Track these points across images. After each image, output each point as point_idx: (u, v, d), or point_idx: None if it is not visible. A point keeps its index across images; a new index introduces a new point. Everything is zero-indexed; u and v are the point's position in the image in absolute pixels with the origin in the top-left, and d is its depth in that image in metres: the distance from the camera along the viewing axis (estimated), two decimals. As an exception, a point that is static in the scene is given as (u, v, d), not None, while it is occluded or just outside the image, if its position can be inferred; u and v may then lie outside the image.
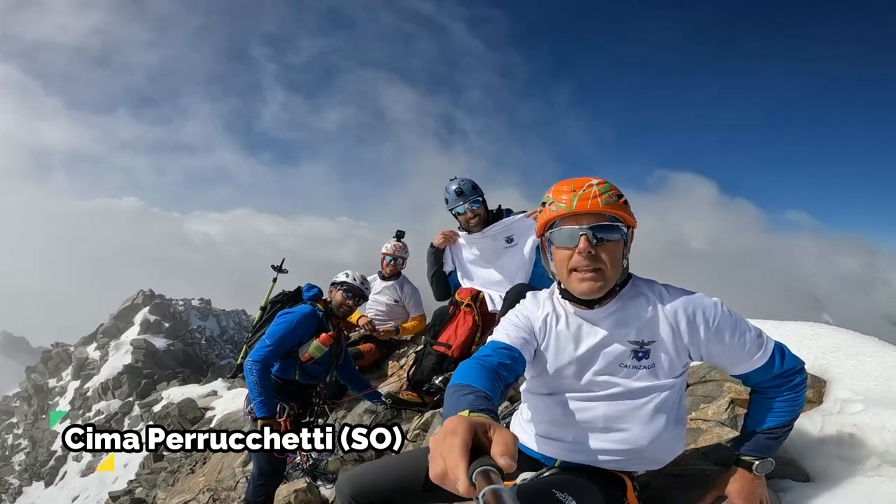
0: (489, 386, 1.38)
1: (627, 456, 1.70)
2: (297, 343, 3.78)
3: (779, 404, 1.71)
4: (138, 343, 30.98)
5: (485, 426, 0.99)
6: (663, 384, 1.67)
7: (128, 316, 35.02)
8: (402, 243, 6.01)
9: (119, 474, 14.38)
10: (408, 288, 6.03)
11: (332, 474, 4.65)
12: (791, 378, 1.70)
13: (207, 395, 14.65)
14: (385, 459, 2.14)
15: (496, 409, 1.28)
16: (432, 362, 3.94)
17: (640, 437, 1.67)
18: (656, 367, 1.66)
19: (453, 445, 0.93)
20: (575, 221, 1.62)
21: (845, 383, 2.39)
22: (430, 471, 0.96)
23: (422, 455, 1.95)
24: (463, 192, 3.97)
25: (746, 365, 1.68)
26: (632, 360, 1.66)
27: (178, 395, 16.70)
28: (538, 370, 1.79)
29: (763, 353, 1.66)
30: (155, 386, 24.33)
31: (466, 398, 1.26)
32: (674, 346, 1.64)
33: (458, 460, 0.90)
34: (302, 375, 3.88)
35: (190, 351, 32.91)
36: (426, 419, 3.62)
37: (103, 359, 31.12)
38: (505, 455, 0.91)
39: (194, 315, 39.06)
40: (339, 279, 4.15)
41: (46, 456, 24.21)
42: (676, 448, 1.77)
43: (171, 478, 8.39)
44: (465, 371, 1.48)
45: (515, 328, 1.77)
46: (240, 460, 6.09)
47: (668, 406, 1.69)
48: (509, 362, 1.61)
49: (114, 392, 26.23)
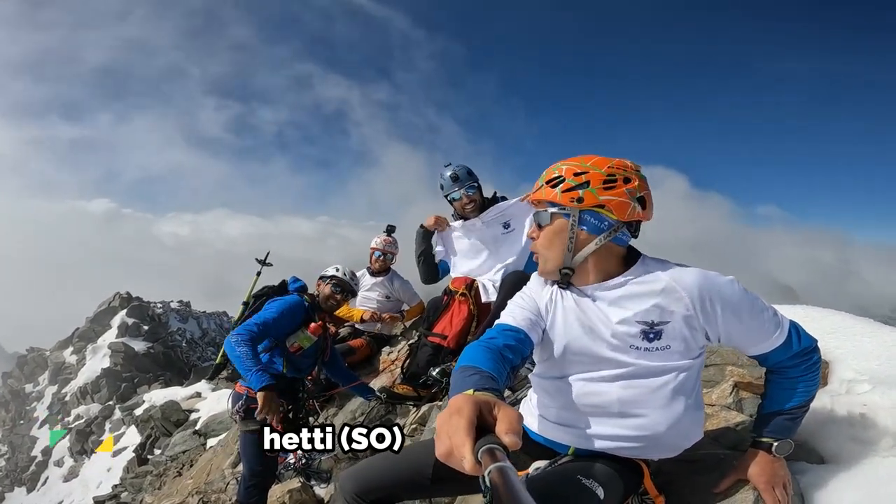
0: (494, 367, 1.38)
1: (645, 442, 1.65)
2: (284, 333, 3.69)
3: (797, 384, 1.68)
4: (117, 346, 30.51)
5: (490, 404, 1.00)
6: (679, 365, 1.61)
7: (104, 319, 34.46)
8: (392, 238, 5.96)
9: (103, 479, 14.17)
10: (398, 282, 5.99)
11: (326, 473, 4.57)
12: (809, 356, 1.68)
13: (191, 397, 14.45)
14: (388, 454, 2.09)
15: (501, 390, 1.28)
16: (428, 354, 3.89)
17: (658, 422, 1.62)
18: (671, 349, 1.60)
19: (458, 424, 0.94)
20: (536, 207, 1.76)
21: (848, 364, 2.39)
22: (437, 449, 0.96)
23: (428, 447, 1.90)
24: (458, 177, 3.94)
25: (765, 345, 1.64)
26: (642, 340, 1.60)
27: (161, 397, 16.42)
28: (547, 353, 1.75)
29: (780, 331, 1.62)
30: (136, 389, 24.00)
31: (471, 378, 1.26)
32: (688, 326, 1.58)
33: (463, 438, 0.91)
34: (289, 368, 3.77)
35: (170, 354, 32.50)
36: (423, 413, 3.57)
37: (80, 363, 30.64)
38: (510, 433, 0.92)
39: (174, 317, 38.59)
40: (328, 273, 4.10)
41: (27, 461, 23.84)
42: (695, 434, 1.72)
43: (158, 481, 8.22)
44: (471, 353, 1.47)
45: (521, 309, 1.75)
46: (229, 461, 5.97)
47: (686, 389, 1.63)
48: (514, 343, 1.58)
49: (93, 396, 25.85)
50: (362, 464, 2.00)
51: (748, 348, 1.68)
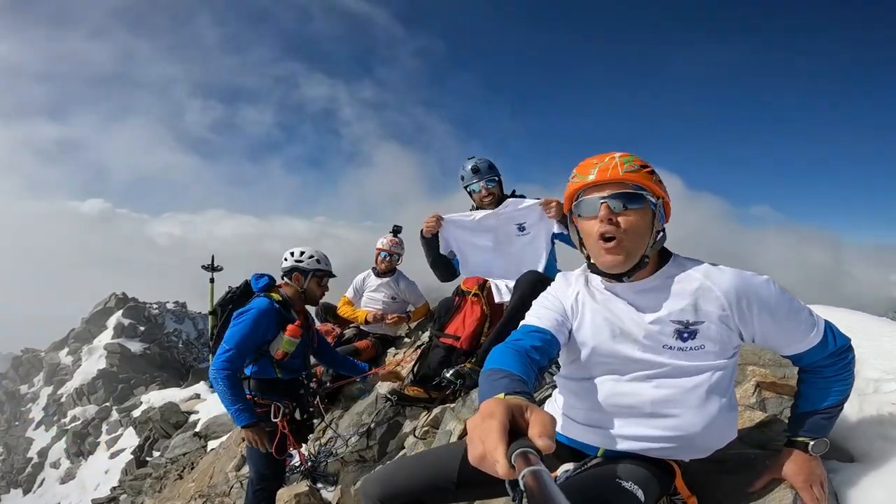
0: (522, 370, 1.37)
1: (678, 443, 1.62)
2: (263, 341, 3.56)
3: (833, 383, 1.66)
4: (112, 347, 30.41)
5: (521, 408, 0.99)
6: (714, 365, 1.59)
7: (100, 320, 34.35)
8: (398, 239, 5.93)
9: (100, 480, 14.09)
10: (404, 282, 5.97)
11: (333, 476, 4.54)
12: (844, 356, 1.66)
13: (190, 399, 14.38)
14: (413, 458, 2.05)
15: (532, 392, 1.26)
16: (440, 355, 3.84)
17: (693, 423, 1.59)
18: (705, 349, 1.58)
19: (491, 428, 0.93)
20: (597, 191, 1.62)
21: (871, 363, 2.37)
22: (469, 454, 0.95)
23: (453, 452, 1.87)
24: (479, 169, 3.87)
25: (801, 344, 1.62)
26: (676, 340, 1.58)
27: (159, 399, 16.36)
28: (574, 354, 1.72)
29: (816, 331, 1.61)
30: (132, 390, 23.92)
31: (501, 382, 1.25)
32: (724, 326, 1.56)
33: (496, 443, 0.90)
34: (283, 372, 3.69)
35: (167, 355, 32.40)
36: (435, 415, 3.53)
37: (76, 364, 30.53)
38: (543, 436, 0.91)
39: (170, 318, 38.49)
40: (308, 266, 3.80)
41: (23, 463, 23.71)
42: (729, 434, 1.69)
43: (158, 484, 8.15)
44: (497, 356, 1.45)
45: (546, 310, 1.72)
46: (233, 464, 5.92)
47: (721, 389, 1.61)
48: (541, 345, 1.56)
49: (89, 397, 25.75)
50: (386, 468, 1.97)
51: (784, 348, 1.66)
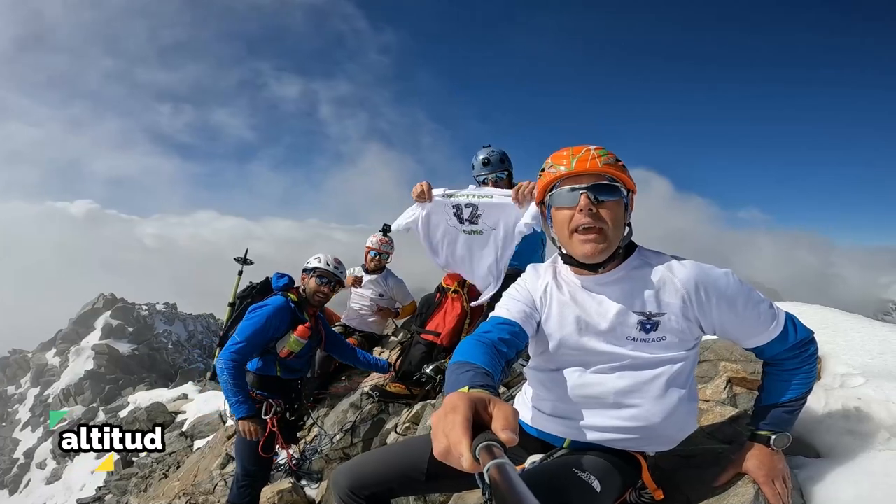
0: (489, 362, 1.37)
1: (640, 434, 1.64)
2: (272, 338, 3.62)
3: (795, 376, 1.67)
4: (101, 348, 30.22)
5: (484, 401, 0.99)
6: (674, 356, 1.61)
7: (88, 321, 34.12)
8: (388, 238, 5.91)
9: (87, 481, 13.99)
10: (392, 280, 5.99)
11: (317, 474, 4.54)
12: (806, 348, 1.67)
13: (177, 399, 14.28)
14: (384, 449, 2.07)
15: (496, 385, 1.27)
16: (421, 351, 3.86)
17: (653, 413, 1.61)
18: (666, 340, 1.60)
19: (454, 422, 0.93)
20: (575, 181, 1.62)
21: (840, 358, 2.40)
22: (434, 448, 0.95)
23: (422, 442, 1.89)
24: (490, 161, 3.77)
25: (761, 337, 1.63)
26: (639, 332, 1.60)
27: (146, 399, 16.24)
28: (542, 345, 1.73)
29: (776, 323, 1.61)
30: (120, 391, 23.74)
31: (466, 375, 1.25)
32: (684, 318, 1.59)
33: (460, 436, 0.90)
34: (283, 371, 3.74)
35: (156, 356, 32.22)
36: (416, 411, 3.54)
37: (63, 365, 30.31)
38: (507, 429, 0.92)
39: (159, 319, 38.30)
40: (310, 265, 3.93)
41: (9, 464, 23.50)
42: (689, 426, 1.72)
43: (144, 483, 8.10)
44: (465, 348, 1.46)
45: (515, 301, 1.73)
46: (217, 462, 5.91)
47: (681, 381, 1.64)
48: (509, 337, 1.57)
49: (76, 398, 25.57)
50: (356, 459, 1.99)
51: (744, 341, 1.67)
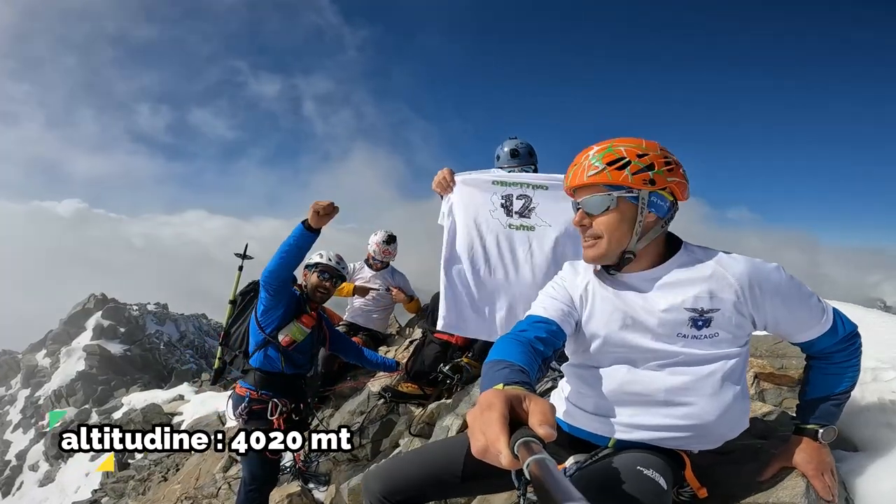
0: (524, 360, 1.35)
1: (693, 432, 1.59)
2: (277, 326, 3.57)
3: (843, 369, 1.66)
4: (92, 349, 30.00)
5: (520, 398, 0.97)
6: (728, 353, 1.57)
7: (79, 321, 33.86)
8: (390, 249, 5.91)
9: (81, 483, 13.85)
10: (398, 276, 5.98)
11: (325, 476, 4.49)
12: (853, 341, 1.66)
13: (174, 400, 14.14)
14: (415, 452, 2.01)
15: (532, 382, 1.25)
16: (435, 351, 3.80)
17: (708, 411, 1.57)
18: (719, 336, 1.56)
19: (491, 419, 0.92)
20: (574, 196, 1.68)
21: (868, 353, 2.37)
22: (472, 447, 0.94)
23: (456, 445, 1.84)
24: (518, 153, 3.48)
25: (813, 331, 1.61)
26: (690, 328, 1.56)
27: (141, 400, 16.08)
28: (583, 344, 1.69)
29: (826, 317, 1.60)
30: (113, 393, 23.57)
31: (501, 372, 1.24)
32: (738, 313, 1.55)
33: (498, 434, 0.89)
34: (287, 365, 3.64)
35: (149, 356, 32.01)
36: (430, 411, 3.49)
37: (54, 366, 30.08)
38: (544, 424, 0.90)
39: (150, 319, 38.00)
40: (312, 261, 3.87)
41: (1, 465, 23.18)
42: (742, 424, 1.67)
43: (142, 486, 7.99)
44: (500, 347, 1.44)
45: (552, 300, 1.70)
46: (220, 465, 5.82)
47: (735, 377, 1.59)
48: (546, 335, 1.53)
49: (68, 400, 25.39)
50: (388, 463, 1.93)
51: (795, 335, 1.65)
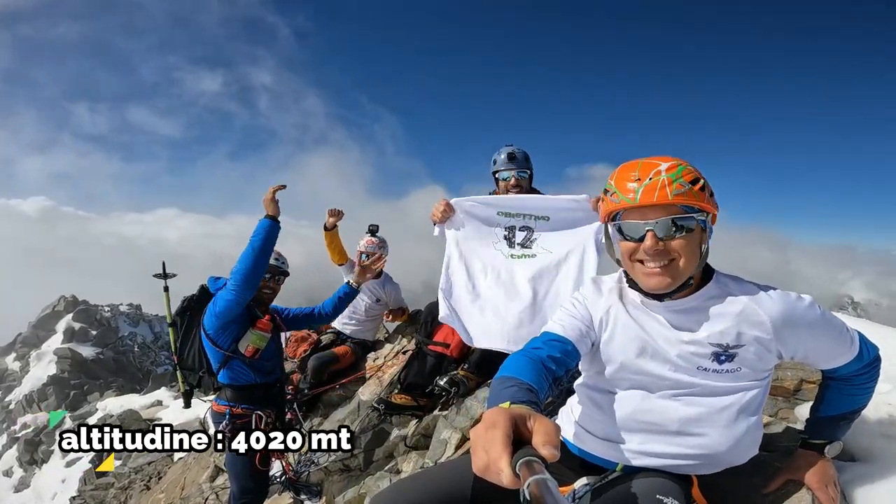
0: (534, 378, 1.35)
1: (702, 461, 1.59)
2: (233, 339, 3.40)
3: (862, 391, 1.69)
4: (63, 352, 29.34)
5: (524, 416, 0.98)
6: (749, 385, 1.56)
7: (49, 324, 33.09)
8: (376, 238, 5.63)
9: (57, 489, 13.56)
10: (390, 286, 5.79)
11: (316, 486, 4.43)
12: (875, 365, 1.68)
13: (152, 406, 13.86)
14: (420, 475, 1.98)
15: (539, 401, 1.25)
16: (430, 364, 3.77)
17: (720, 442, 1.56)
18: (741, 371, 1.54)
19: (494, 438, 0.92)
20: (640, 215, 1.50)
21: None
22: (473, 464, 0.94)
23: (465, 465, 1.82)
24: (515, 157, 3.59)
25: (841, 359, 1.61)
26: (712, 362, 1.53)
27: (117, 406, 15.77)
28: (598, 366, 1.67)
29: (853, 346, 1.59)
30: (86, 397, 23.04)
31: (509, 390, 1.24)
32: (764, 350, 1.52)
33: (500, 452, 0.90)
34: (259, 375, 3.51)
35: (122, 359, 31.41)
36: (426, 423, 3.47)
37: (24, 370, 29.35)
38: (548, 444, 0.91)
39: (123, 321, 37.31)
40: None
41: (-27, 471, 22.53)
42: (752, 452, 1.67)
43: (123, 494, 7.81)
44: (511, 364, 1.43)
45: (571, 318, 1.66)
46: (206, 475, 5.72)
47: (753, 408, 1.58)
48: (559, 355, 1.51)
49: (39, 404, 24.75)
50: (397, 485, 1.89)
51: (823, 364, 1.65)
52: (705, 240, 1.54)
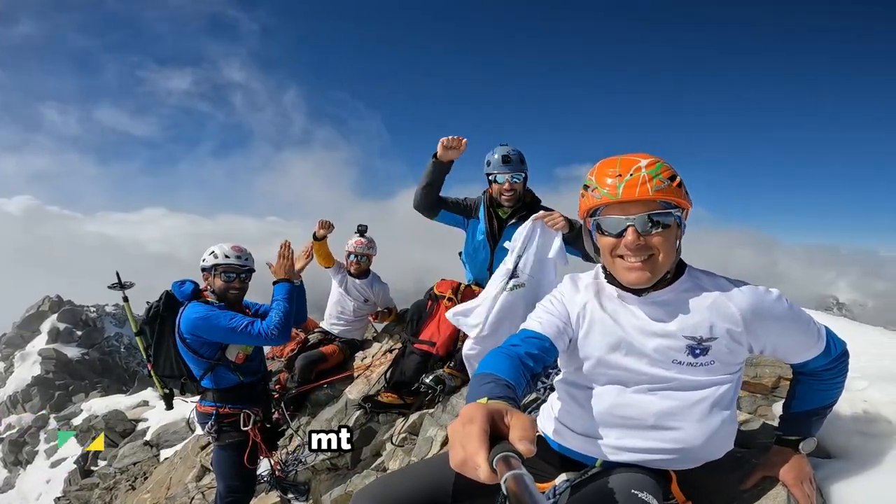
0: (512, 374, 1.36)
1: (679, 455, 1.62)
2: (219, 348, 3.38)
3: (831, 386, 1.72)
4: (48, 353, 29.02)
5: (501, 412, 0.99)
6: (721, 379, 1.59)
7: (33, 324, 32.71)
8: (365, 239, 5.66)
9: (42, 490, 13.46)
10: (378, 286, 5.79)
11: (304, 486, 4.42)
12: (843, 359, 1.70)
13: (137, 406, 13.76)
14: (406, 470, 2.00)
15: (517, 397, 1.27)
16: (416, 362, 3.79)
17: (695, 436, 1.59)
18: (714, 364, 1.57)
19: (471, 433, 0.93)
20: (621, 211, 1.52)
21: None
22: (451, 459, 0.96)
23: (446, 462, 1.84)
24: (510, 160, 3.47)
25: (808, 353, 1.64)
26: (687, 356, 1.56)
27: (102, 406, 15.60)
28: (576, 362, 1.69)
29: (820, 340, 1.63)
30: (71, 398, 22.80)
31: (486, 386, 1.25)
32: (736, 343, 1.55)
33: (477, 447, 0.91)
34: (245, 375, 3.50)
35: (108, 360, 31.13)
36: (413, 421, 3.49)
37: (8, 370, 29.01)
38: (524, 439, 0.92)
39: (109, 322, 36.95)
40: (208, 263, 3.44)
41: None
42: (727, 446, 1.70)
43: (108, 495, 7.75)
44: (489, 361, 1.44)
45: (549, 315, 1.68)
46: (192, 474, 5.69)
47: (725, 402, 1.62)
48: (537, 352, 1.53)
49: (24, 405, 24.45)
50: (379, 481, 1.89)
51: (791, 358, 1.68)
52: (680, 235, 1.59)
